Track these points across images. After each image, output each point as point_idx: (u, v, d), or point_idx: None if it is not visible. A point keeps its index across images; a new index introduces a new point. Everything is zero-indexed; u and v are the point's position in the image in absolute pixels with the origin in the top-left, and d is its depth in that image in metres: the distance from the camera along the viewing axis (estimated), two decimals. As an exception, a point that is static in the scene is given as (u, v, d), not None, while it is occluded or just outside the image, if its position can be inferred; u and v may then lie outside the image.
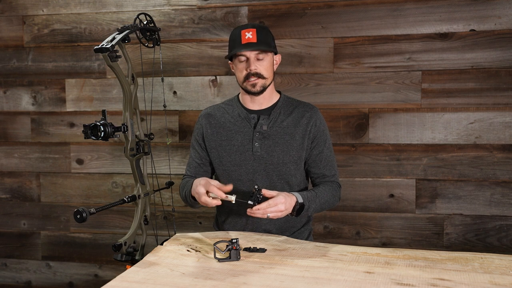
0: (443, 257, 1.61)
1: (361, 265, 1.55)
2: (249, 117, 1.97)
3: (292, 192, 1.82)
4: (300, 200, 1.81)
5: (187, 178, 2.05)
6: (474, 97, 2.51)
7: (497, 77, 2.48)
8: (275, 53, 1.96)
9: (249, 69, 1.88)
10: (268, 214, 1.70)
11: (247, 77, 1.89)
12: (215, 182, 1.73)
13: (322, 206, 1.92)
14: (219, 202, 1.71)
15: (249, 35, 1.86)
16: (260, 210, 1.69)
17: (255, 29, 1.86)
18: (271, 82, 1.95)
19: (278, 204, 1.71)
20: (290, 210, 1.77)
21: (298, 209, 1.80)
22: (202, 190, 1.72)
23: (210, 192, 1.70)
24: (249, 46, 1.85)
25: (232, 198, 1.68)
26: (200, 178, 1.79)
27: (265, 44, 1.87)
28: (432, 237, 2.59)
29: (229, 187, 1.72)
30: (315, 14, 2.62)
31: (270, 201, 1.70)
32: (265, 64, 1.89)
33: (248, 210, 1.71)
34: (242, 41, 1.86)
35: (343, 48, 2.61)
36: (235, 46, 1.88)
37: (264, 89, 1.92)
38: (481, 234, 2.56)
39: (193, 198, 1.84)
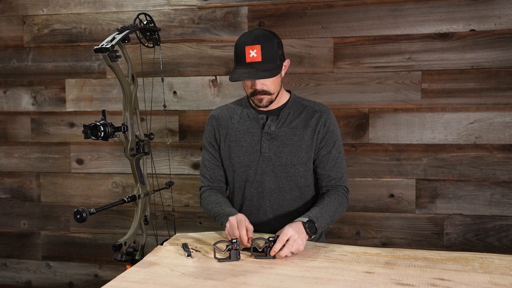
0: (443, 257, 1.62)
1: (361, 265, 1.55)
2: (258, 118, 1.93)
3: (295, 220, 1.74)
4: (305, 219, 1.72)
5: (207, 191, 2.01)
6: (474, 97, 2.51)
7: (497, 77, 2.48)
8: (282, 63, 1.87)
9: (254, 87, 1.83)
10: (292, 251, 1.64)
11: (253, 93, 1.85)
12: (247, 225, 1.73)
13: (332, 218, 1.84)
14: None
15: (253, 53, 1.77)
16: (280, 252, 1.64)
17: (259, 46, 1.77)
18: (280, 90, 1.91)
19: (288, 234, 1.64)
20: (305, 233, 1.69)
21: (311, 226, 1.72)
22: (234, 223, 1.72)
23: (239, 231, 1.70)
24: (253, 66, 1.77)
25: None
26: (235, 216, 1.75)
27: (270, 61, 1.79)
28: (432, 237, 2.59)
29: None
30: (315, 14, 2.62)
31: (279, 240, 1.64)
32: (271, 79, 1.83)
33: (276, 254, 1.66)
34: (247, 59, 1.78)
35: (343, 48, 2.61)
36: (240, 63, 1.81)
37: (271, 103, 1.88)
38: (481, 234, 2.56)
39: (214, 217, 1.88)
